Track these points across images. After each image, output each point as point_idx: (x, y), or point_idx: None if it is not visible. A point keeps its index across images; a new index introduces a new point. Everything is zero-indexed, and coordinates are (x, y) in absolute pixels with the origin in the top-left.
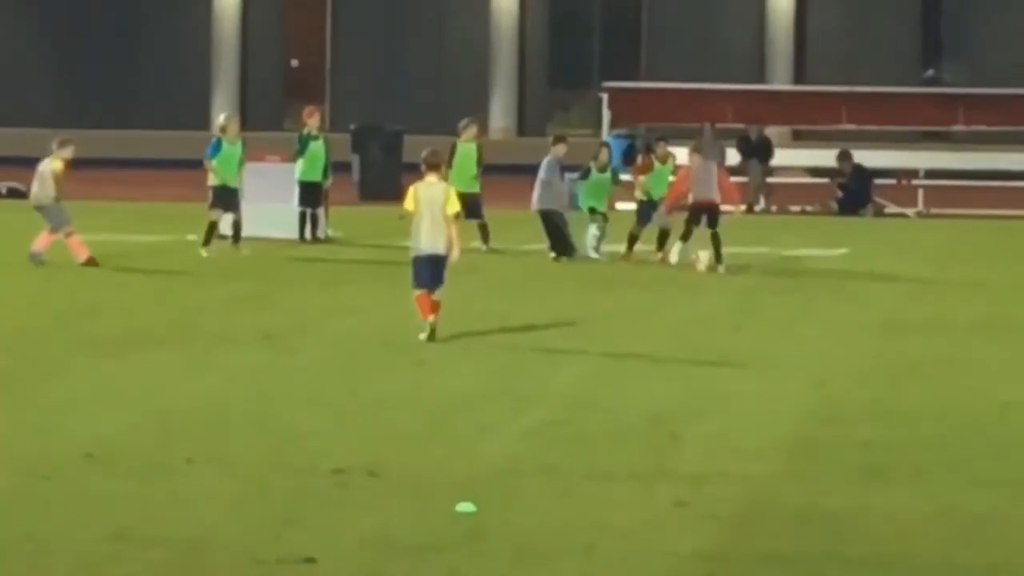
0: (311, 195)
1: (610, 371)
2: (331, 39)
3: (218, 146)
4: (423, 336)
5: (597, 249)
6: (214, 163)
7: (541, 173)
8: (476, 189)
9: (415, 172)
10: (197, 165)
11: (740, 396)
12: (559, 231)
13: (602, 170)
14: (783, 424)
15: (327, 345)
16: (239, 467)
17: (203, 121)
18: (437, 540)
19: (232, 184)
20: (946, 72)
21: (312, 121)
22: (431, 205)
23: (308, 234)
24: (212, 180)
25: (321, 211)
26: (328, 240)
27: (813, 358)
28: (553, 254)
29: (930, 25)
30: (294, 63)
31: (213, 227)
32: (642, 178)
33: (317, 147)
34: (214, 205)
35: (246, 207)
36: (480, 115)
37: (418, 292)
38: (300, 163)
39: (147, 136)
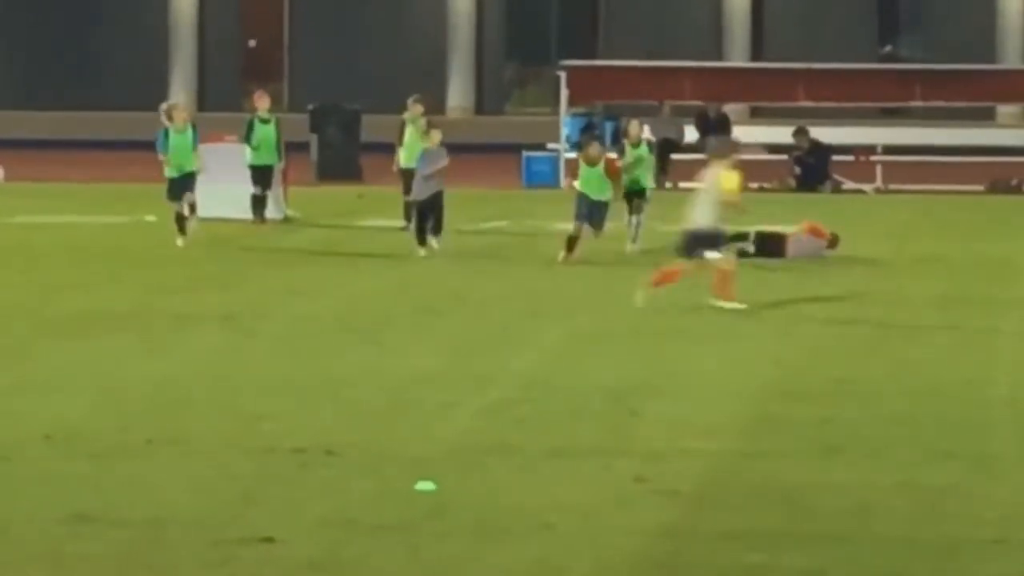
0: (263, 178)
1: (568, 349)
2: (289, 19)
3: (166, 136)
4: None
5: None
6: (168, 156)
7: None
8: None
9: (373, 151)
10: (154, 146)
11: (699, 373)
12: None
13: (635, 145)
14: (742, 401)
15: (286, 325)
16: (199, 448)
17: (160, 101)
18: (397, 519)
19: (187, 170)
20: (903, 48)
21: (262, 104)
22: (710, 185)
23: (271, 213)
24: (167, 171)
25: (278, 192)
26: (286, 220)
27: (772, 335)
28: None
29: (887, 1)
30: (252, 43)
31: (180, 217)
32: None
33: (267, 130)
34: (172, 197)
35: (202, 188)
36: (438, 93)
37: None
38: (251, 146)
39: (104, 117)
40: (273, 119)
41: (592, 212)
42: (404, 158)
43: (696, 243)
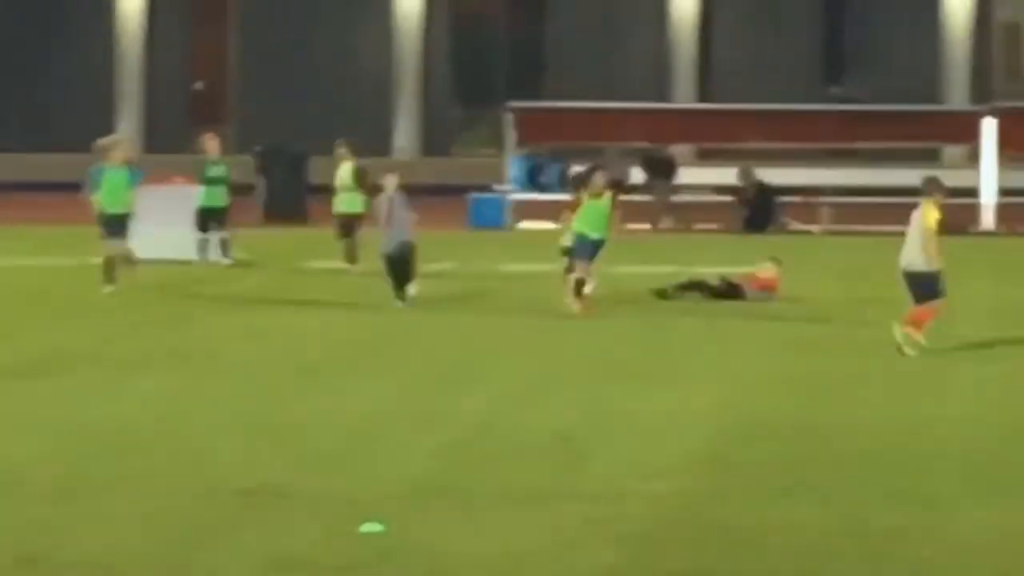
0: (212, 220)
1: (517, 391)
2: (235, 61)
3: (100, 174)
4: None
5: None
6: (102, 192)
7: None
8: (356, 209)
9: (320, 193)
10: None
11: (648, 414)
12: None
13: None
14: (691, 442)
15: (235, 367)
16: (149, 489)
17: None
18: (345, 561)
19: (119, 211)
20: (849, 89)
21: (212, 146)
22: (914, 224)
23: (217, 256)
24: (102, 209)
25: (226, 234)
26: (234, 263)
27: (721, 376)
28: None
29: (833, 43)
30: (198, 85)
31: (109, 263)
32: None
33: (218, 172)
34: (107, 235)
35: (148, 230)
36: (384, 135)
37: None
38: (202, 189)
39: (51, 159)
40: (223, 162)
41: (588, 250)
42: (336, 202)
43: (918, 286)
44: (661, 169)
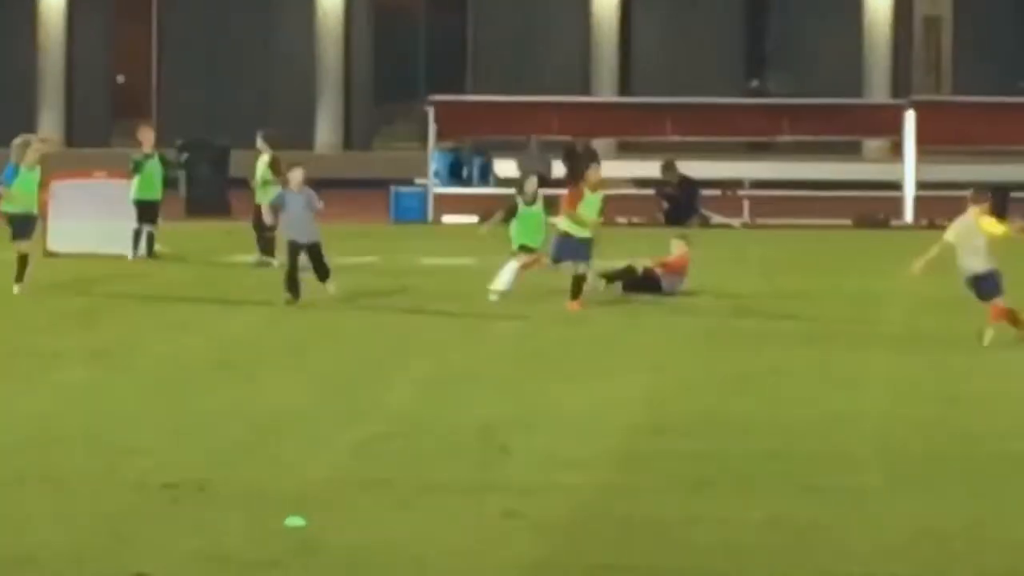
0: (147, 213)
1: (439, 385)
2: (157, 55)
3: (15, 172)
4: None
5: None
6: (11, 191)
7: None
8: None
9: (242, 188)
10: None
11: (569, 408)
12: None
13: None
14: (613, 435)
15: (156, 361)
16: (69, 484)
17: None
18: (268, 555)
19: (31, 211)
20: (771, 82)
21: (146, 138)
22: (966, 233)
23: (143, 251)
24: (6, 208)
25: (153, 228)
26: (156, 257)
27: (642, 369)
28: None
29: (754, 36)
30: (120, 79)
31: (24, 260)
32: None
33: (152, 165)
34: (15, 236)
35: (70, 223)
36: (306, 129)
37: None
38: (136, 181)
39: None
40: (156, 154)
41: (578, 250)
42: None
43: (980, 287)
44: (582, 162)
